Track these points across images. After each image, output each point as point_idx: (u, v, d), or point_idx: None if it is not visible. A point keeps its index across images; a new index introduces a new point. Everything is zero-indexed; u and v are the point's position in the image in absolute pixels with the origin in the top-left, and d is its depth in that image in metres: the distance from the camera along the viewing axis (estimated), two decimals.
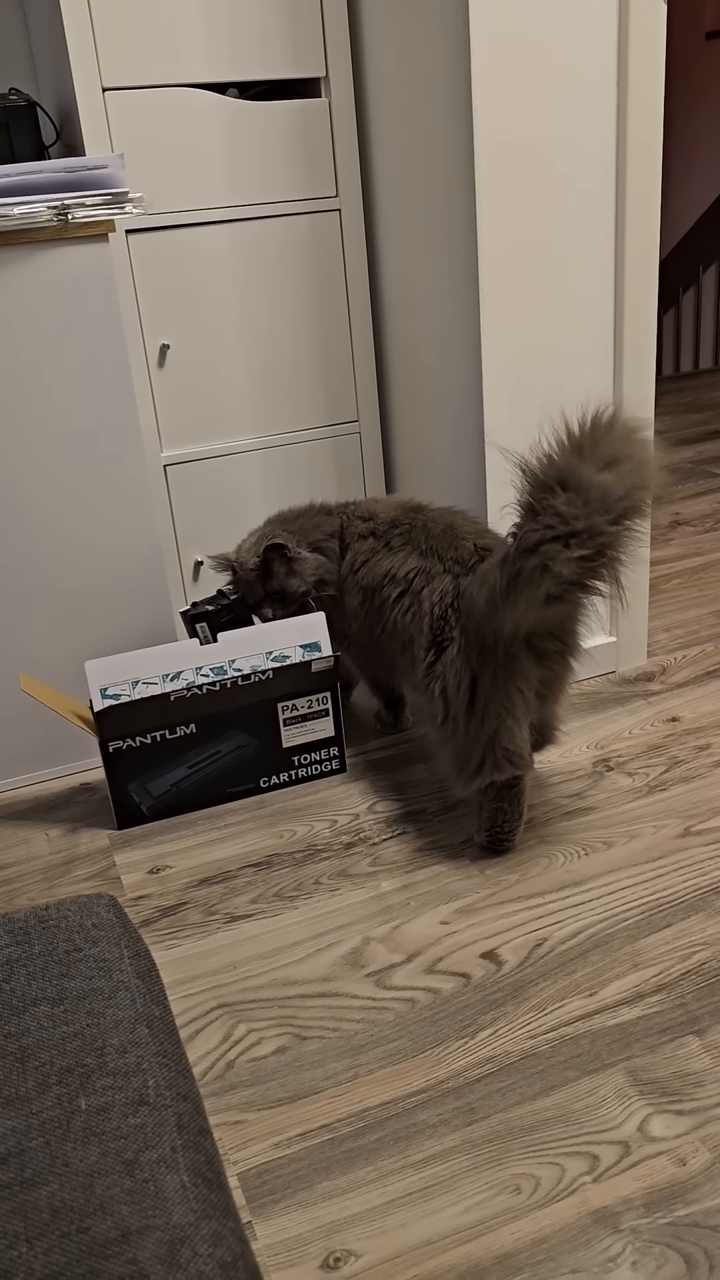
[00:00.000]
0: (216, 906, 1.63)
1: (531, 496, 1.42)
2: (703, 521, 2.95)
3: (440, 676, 1.61)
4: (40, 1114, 0.73)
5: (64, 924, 0.90)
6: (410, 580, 1.68)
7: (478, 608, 1.52)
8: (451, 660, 1.59)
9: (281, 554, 1.83)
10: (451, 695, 1.59)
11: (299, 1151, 1.23)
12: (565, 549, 1.39)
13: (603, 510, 1.38)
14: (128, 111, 1.94)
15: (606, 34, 1.73)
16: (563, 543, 1.39)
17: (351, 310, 2.23)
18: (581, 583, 1.43)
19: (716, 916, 1.51)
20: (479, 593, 1.52)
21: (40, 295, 1.70)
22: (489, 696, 1.56)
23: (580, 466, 1.39)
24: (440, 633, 1.62)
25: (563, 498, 1.38)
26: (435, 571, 1.65)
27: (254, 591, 1.88)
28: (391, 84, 1.95)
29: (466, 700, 1.58)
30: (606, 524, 1.38)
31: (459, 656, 1.58)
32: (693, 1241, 1.09)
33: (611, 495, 1.38)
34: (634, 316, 1.91)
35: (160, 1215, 0.65)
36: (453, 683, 1.59)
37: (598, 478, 1.38)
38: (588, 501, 1.38)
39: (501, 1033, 1.36)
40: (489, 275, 1.80)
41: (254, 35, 1.98)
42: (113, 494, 1.84)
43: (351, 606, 1.82)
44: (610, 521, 1.39)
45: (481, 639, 1.54)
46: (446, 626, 1.61)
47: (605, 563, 1.42)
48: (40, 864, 1.75)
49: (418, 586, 1.67)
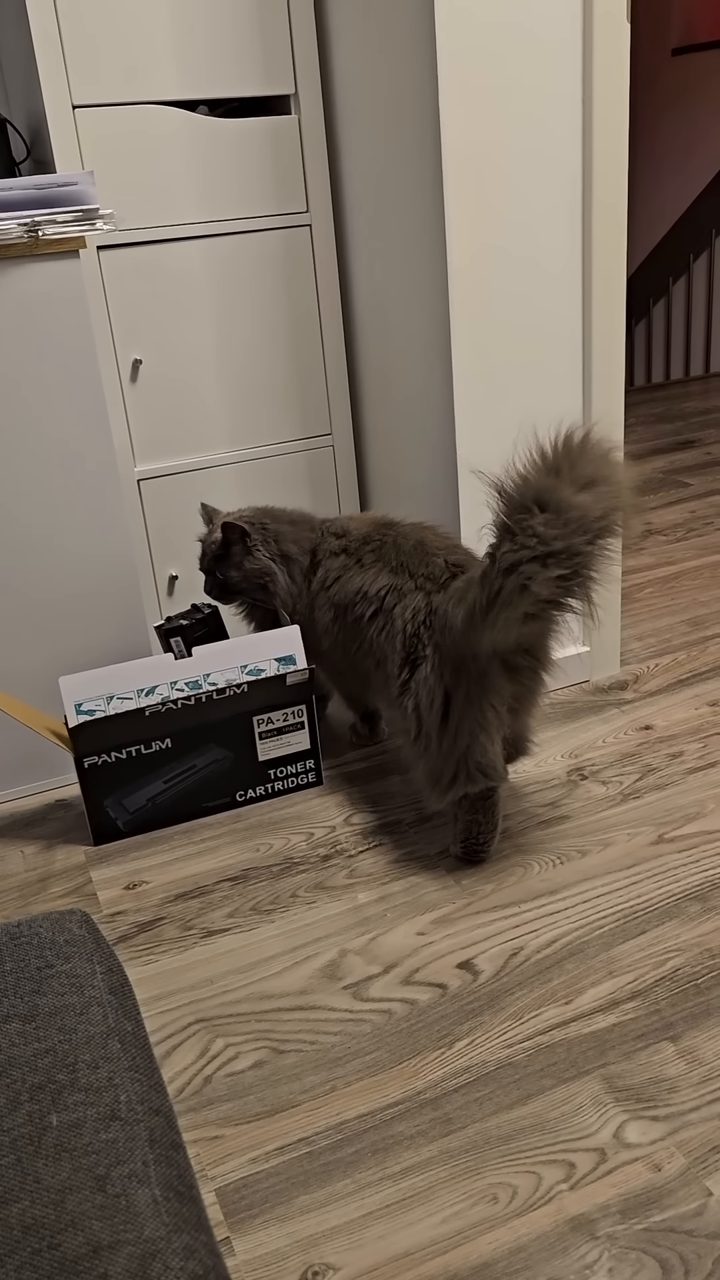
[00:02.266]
0: (193, 921, 1.62)
1: (508, 517, 1.43)
2: (674, 530, 2.98)
3: (414, 693, 1.62)
4: (11, 1131, 0.73)
5: (35, 940, 0.90)
6: (382, 598, 1.69)
7: (455, 626, 1.53)
8: (425, 677, 1.60)
9: (241, 540, 1.85)
10: (425, 711, 1.60)
11: (277, 1165, 1.23)
12: (543, 569, 1.40)
13: (581, 531, 1.39)
14: (98, 128, 1.94)
15: (572, 51, 1.75)
16: (541, 563, 1.40)
17: (323, 324, 2.24)
18: (558, 601, 1.45)
19: (690, 923, 1.52)
20: (455, 610, 1.53)
21: (11, 311, 1.70)
22: (462, 713, 1.57)
23: (558, 487, 1.40)
24: (413, 650, 1.63)
25: (541, 518, 1.39)
26: (407, 589, 1.66)
27: (204, 558, 1.92)
28: (360, 100, 1.97)
29: (440, 716, 1.59)
30: (584, 544, 1.40)
31: (432, 673, 1.59)
32: (668, 1247, 1.09)
33: (589, 516, 1.39)
34: (603, 327, 1.93)
35: (132, 1230, 0.65)
36: (426, 699, 1.60)
37: (576, 499, 1.39)
38: (566, 523, 1.39)
39: (478, 1043, 1.36)
40: (458, 288, 1.81)
41: (223, 53, 1.99)
42: (86, 509, 1.84)
43: (323, 623, 1.82)
44: (587, 542, 1.40)
45: (458, 656, 1.55)
46: (419, 644, 1.62)
47: (581, 581, 1.44)
48: (16, 881, 1.75)
49: (389, 604, 1.67)
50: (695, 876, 1.61)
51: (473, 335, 1.85)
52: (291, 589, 1.86)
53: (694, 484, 3.34)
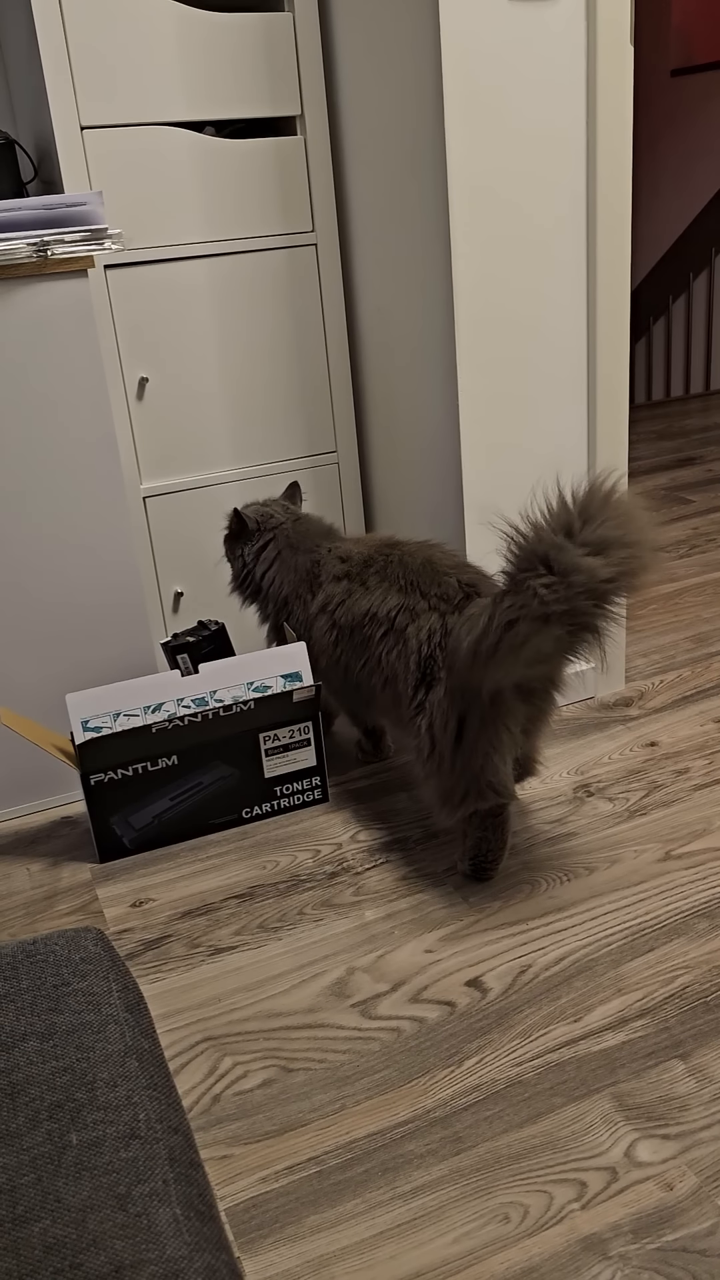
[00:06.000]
0: (200, 939, 1.62)
1: (515, 572, 1.43)
2: (677, 548, 2.99)
3: (428, 713, 1.61)
4: (31, 1150, 0.73)
5: (51, 958, 0.90)
6: (393, 618, 1.67)
7: (461, 658, 1.51)
8: (439, 699, 1.59)
9: (239, 524, 1.93)
10: (439, 733, 1.59)
11: (287, 1185, 1.22)
12: (545, 626, 1.39)
13: (586, 595, 1.38)
14: (106, 149, 1.96)
15: (576, 72, 1.77)
16: (542, 621, 1.39)
17: (329, 343, 2.25)
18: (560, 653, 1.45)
19: (698, 940, 1.52)
20: (464, 641, 1.50)
21: (20, 330, 1.71)
22: (477, 734, 1.56)
23: (566, 549, 1.38)
24: (428, 671, 1.61)
25: (545, 579, 1.38)
26: (420, 609, 1.64)
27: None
28: (366, 121, 1.99)
29: (453, 738, 1.58)
30: (589, 607, 1.38)
31: (446, 695, 1.58)
32: (681, 1266, 1.09)
33: (597, 578, 1.37)
34: (607, 345, 1.94)
35: (154, 1249, 0.65)
36: (440, 720, 1.59)
37: (584, 562, 1.37)
38: (570, 585, 1.37)
39: (487, 1061, 1.36)
40: (464, 307, 1.82)
41: (230, 75, 2.01)
42: (92, 526, 1.85)
43: (322, 643, 1.81)
44: (593, 605, 1.39)
45: (465, 686, 1.55)
46: (435, 665, 1.60)
47: (585, 638, 1.43)
48: (22, 899, 1.74)
49: (401, 624, 1.66)
50: (703, 893, 1.61)
51: (478, 354, 1.86)
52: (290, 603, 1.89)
53: (696, 501, 3.35)
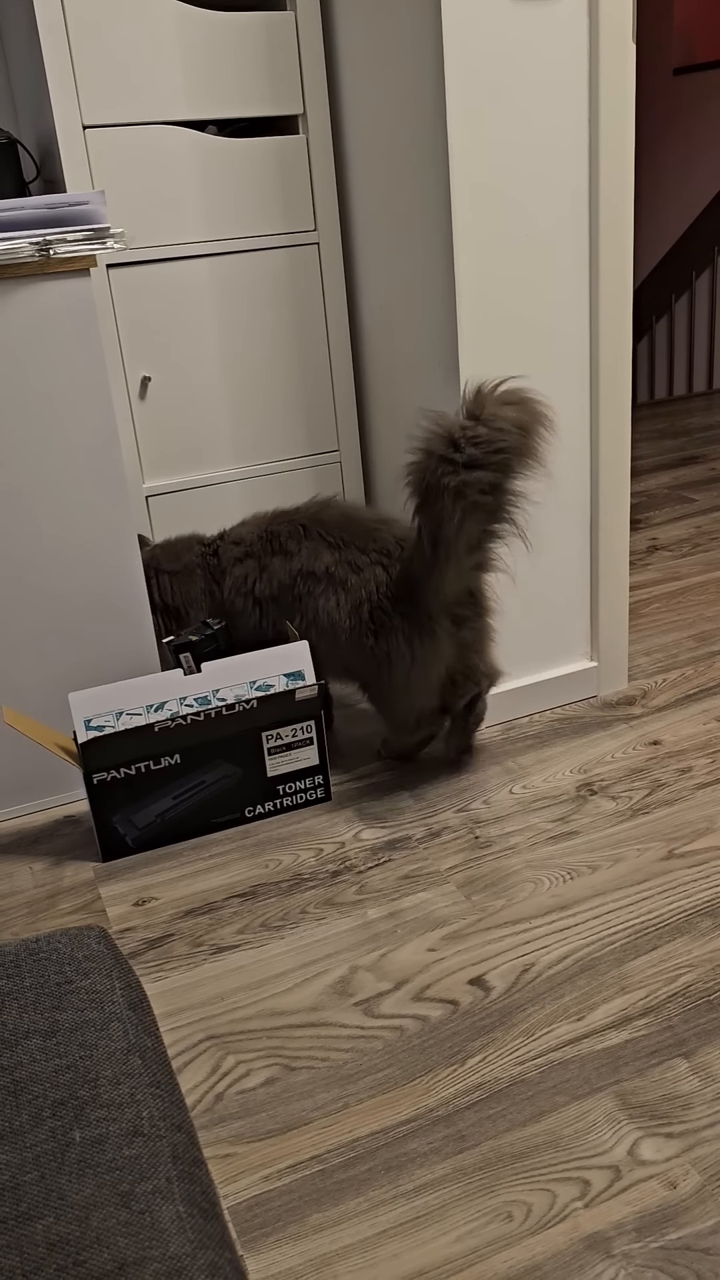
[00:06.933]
0: (203, 938, 1.62)
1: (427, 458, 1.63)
2: (680, 546, 2.98)
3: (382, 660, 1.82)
4: (34, 1147, 0.73)
5: (55, 956, 0.90)
6: (330, 573, 1.84)
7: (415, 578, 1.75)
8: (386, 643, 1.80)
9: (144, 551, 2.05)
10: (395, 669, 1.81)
11: (289, 1184, 1.22)
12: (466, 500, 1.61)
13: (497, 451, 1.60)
14: (108, 148, 1.96)
15: (578, 71, 1.77)
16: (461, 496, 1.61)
17: (331, 342, 2.25)
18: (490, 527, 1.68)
19: (702, 939, 1.52)
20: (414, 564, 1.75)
21: (22, 329, 1.71)
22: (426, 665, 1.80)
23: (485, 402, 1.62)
24: (376, 621, 1.81)
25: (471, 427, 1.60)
26: (361, 563, 1.82)
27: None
28: (368, 121, 1.99)
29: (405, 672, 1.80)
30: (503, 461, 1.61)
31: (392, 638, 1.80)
32: (685, 1265, 1.09)
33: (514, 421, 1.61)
34: (609, 344, 1.94)
35: (157, 1247, 0.65)
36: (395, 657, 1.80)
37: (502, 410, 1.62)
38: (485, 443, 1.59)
39: (490, 1059, 1.36)
40: (466, 306, 1.82)
41: (232, 74, 2.01)
42: (94, 525, 1.85)
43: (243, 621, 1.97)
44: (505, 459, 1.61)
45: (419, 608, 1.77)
46: (383, 614, 1.80)
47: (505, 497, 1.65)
48: (24, 898, 1.75)
49: (341, 576, 1.83)
50: (706, 892, 1.61)
51: (480, 354, 1.86)
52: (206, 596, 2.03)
53: (699, 499, 3.34)
